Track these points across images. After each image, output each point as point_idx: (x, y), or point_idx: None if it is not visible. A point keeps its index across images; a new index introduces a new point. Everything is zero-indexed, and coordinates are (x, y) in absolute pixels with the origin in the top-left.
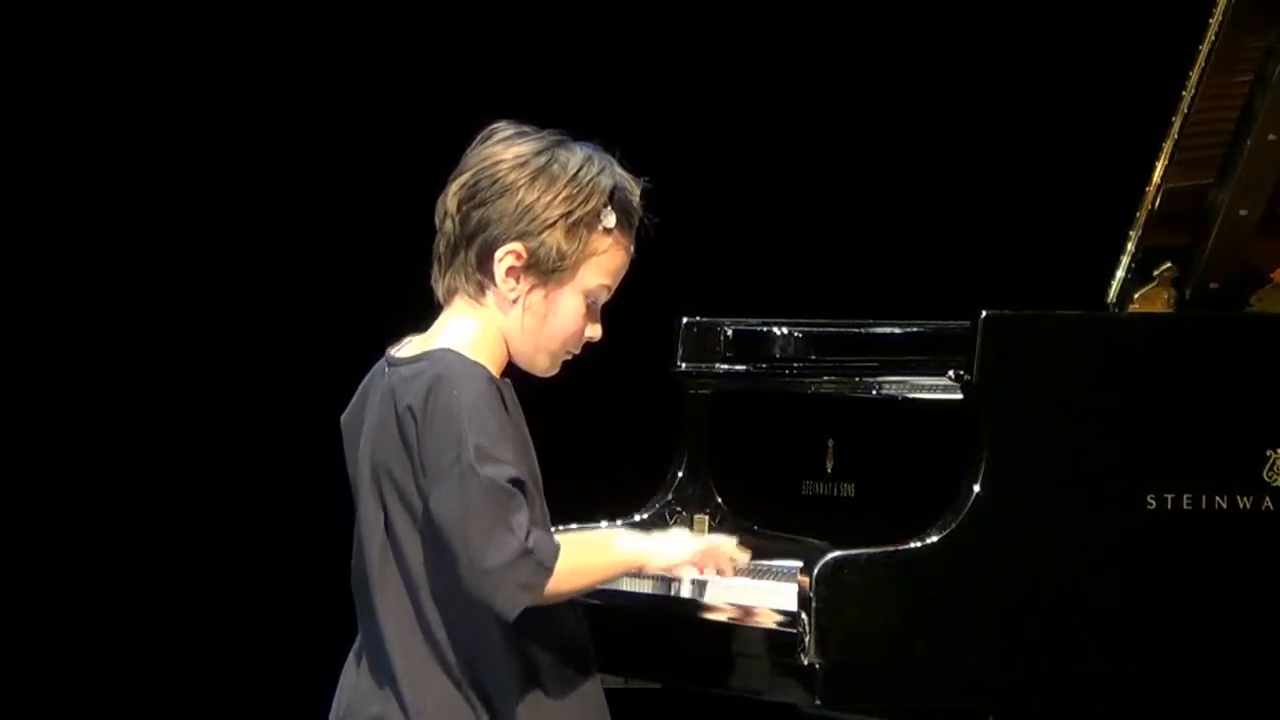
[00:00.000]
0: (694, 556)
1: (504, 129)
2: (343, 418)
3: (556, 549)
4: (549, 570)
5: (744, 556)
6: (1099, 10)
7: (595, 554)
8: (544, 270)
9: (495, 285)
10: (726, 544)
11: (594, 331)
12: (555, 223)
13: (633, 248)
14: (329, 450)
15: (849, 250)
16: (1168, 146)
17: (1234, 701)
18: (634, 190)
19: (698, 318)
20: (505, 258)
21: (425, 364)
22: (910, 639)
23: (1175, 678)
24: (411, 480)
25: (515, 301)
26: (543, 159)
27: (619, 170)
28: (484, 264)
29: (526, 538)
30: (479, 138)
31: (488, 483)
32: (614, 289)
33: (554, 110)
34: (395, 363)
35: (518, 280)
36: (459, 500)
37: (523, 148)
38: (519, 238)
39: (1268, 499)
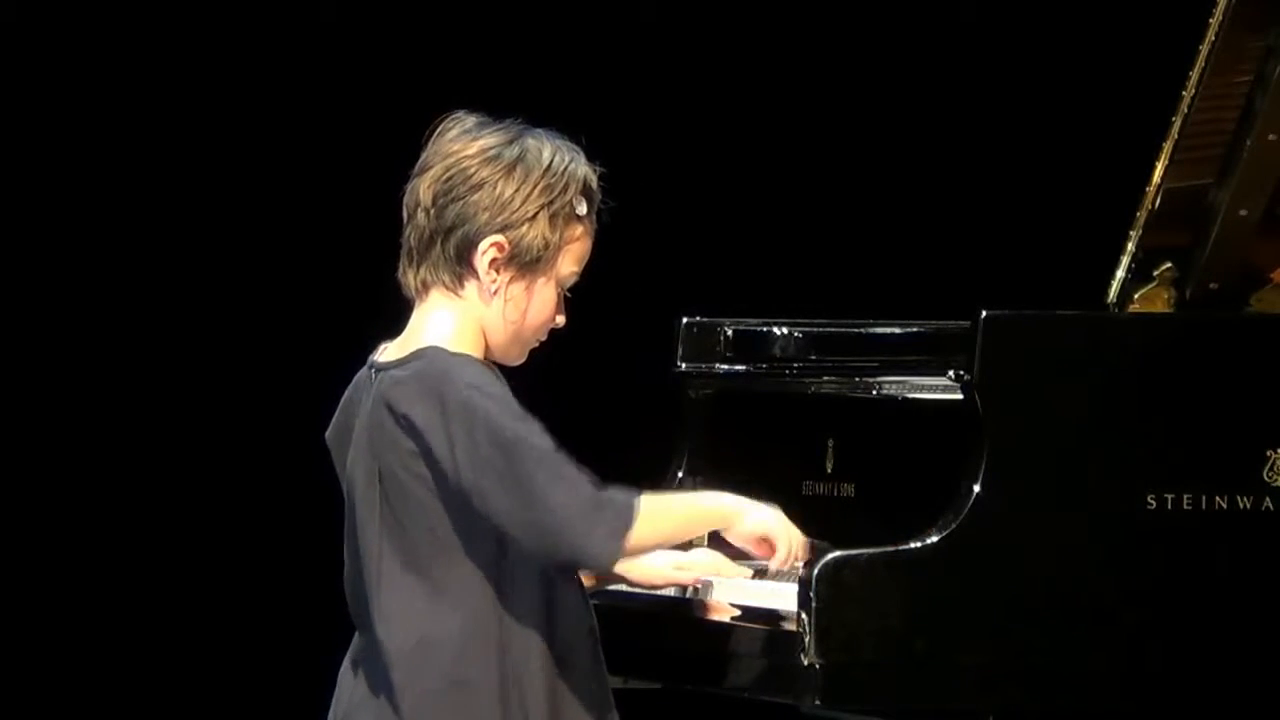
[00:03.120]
0: (780, 527)
1: (465, 120)
2: (327, 433)
3: (633, 492)
4: (633, 514)
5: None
6: (1099, 10)
7: (678, 502)
8: (525, 262)
9: (476, 278)
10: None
11: (560, 319)
12: (536, 214)
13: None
14: (325, 450)
15: (849, 250)
16: (1168, 146)
17: (1234, 701)
18: (594, 175)
19: (698, 318)
20: (488, 250)
21: (418, 364)
22: (910, 639)
23: (1175, 678)
24: (419, 482)
25: (496, 293)
26: (515, 150)
27: (582, 156)
28: (464, 256)
29: (597, 486)
30: (439, 130)
31: (540, 447)
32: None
33: (554, 110)
34: (382, 367)
35: (498, 272)
36: (514, 475)
37: (490, 139)
38: (500, 230)
39: (1268, 499)
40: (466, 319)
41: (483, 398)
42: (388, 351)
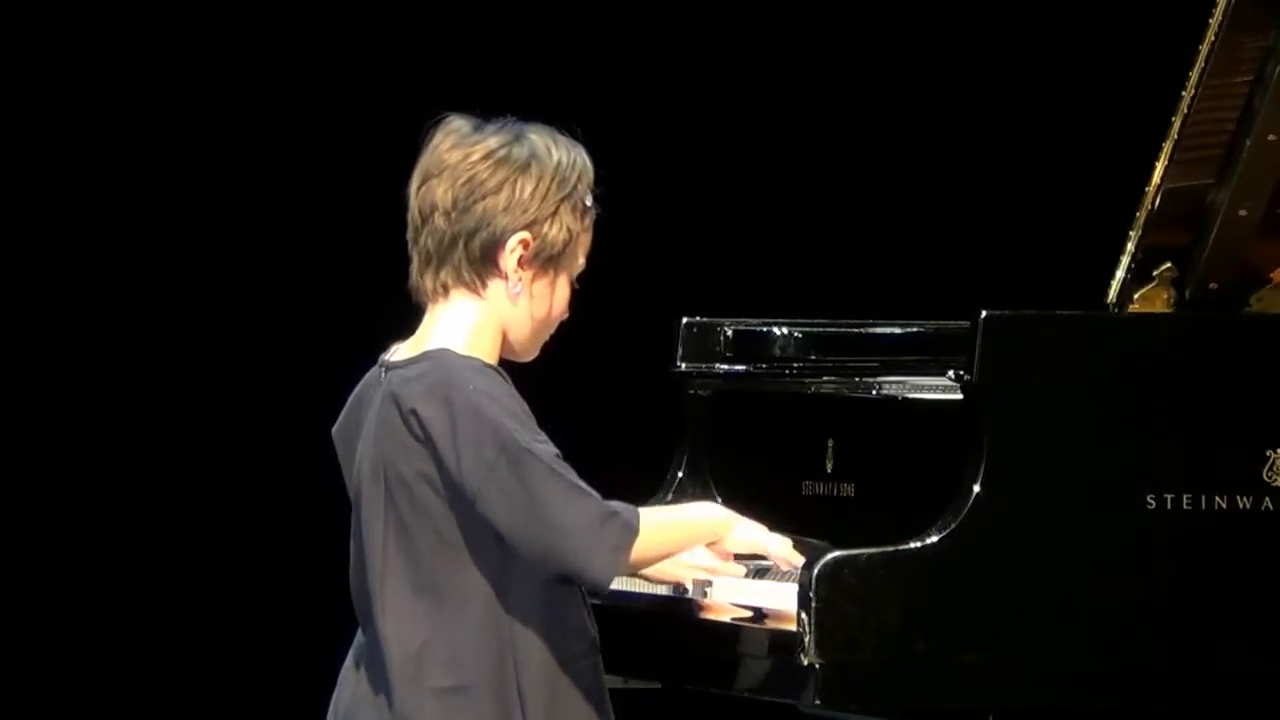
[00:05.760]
0: (771, 542)
1: (461, 124)
2: (334, 430)
3: (635, 508)
4: (636, 529)
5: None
6: (1099, 10)
7: (672, 516)
8: (549, 256)
9: (501, 277)
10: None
11: (566, 313)
12: (557, 209)
13: None
14: (328, 450)
15: (849, 250)
16: (1168, 146)
17: (1234, 701)
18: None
19: (698, 318)
20: (515, 248)
21: (426, 364)
22: (910, 639)
23: (1175, 678)
24: (425, 483)
25: (522, 291)
26: (524, 148)
27: (582, 147)
28: (489, 256)
29: (599, 500)
30: (435, 135)
31: (547, 457)
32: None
33: (554, 111)
34: (392, 366)
35: (524, 269)
36: (520, 485)
37: (493, 140)
38: (525, 227)
39: (1268, 499)
40: (487, 318)
41: (490, 403)
42: (399, 351)
